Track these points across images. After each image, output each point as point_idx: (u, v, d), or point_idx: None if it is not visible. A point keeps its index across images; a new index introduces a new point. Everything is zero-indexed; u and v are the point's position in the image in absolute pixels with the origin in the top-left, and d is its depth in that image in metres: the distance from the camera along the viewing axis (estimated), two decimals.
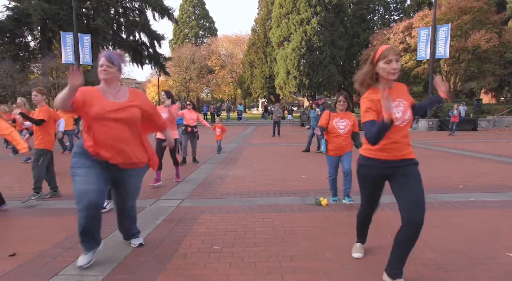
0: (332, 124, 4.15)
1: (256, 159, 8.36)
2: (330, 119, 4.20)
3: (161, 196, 4.74)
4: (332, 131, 4.18)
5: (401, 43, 23.47)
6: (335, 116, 4.19)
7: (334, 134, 4.16)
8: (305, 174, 6.24)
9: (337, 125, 4.14)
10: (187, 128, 7.80)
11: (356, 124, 4.23)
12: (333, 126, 4.15)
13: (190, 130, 7.82)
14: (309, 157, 8.67)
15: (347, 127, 4.15)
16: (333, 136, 4.18)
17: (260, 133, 18.04)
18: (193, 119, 7.88)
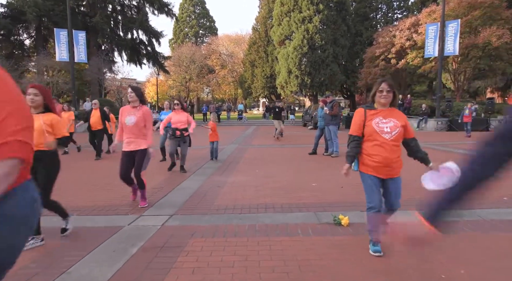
0: (372, 127, 2.71)
1: (258, 163, 7.55)
2: (366, 120, 2.75)
3: (145, 211, 3.93)
4: (371, 137, 2.73)
5: (407, 40, 22.63)
6: (374, 114, 2.74)
7: (376, 141, 2.71)
8: (315, 182, 5.43)
9: (380, 127, 2.70)
10: (175, 132, 6.57)
11: (409, 125, 2.89)
12: (373, 129, 2.70)
13: (179, 134, 6.55)
14: (317, 160, 7.85)
15: (396, 130, 2.69)
16: (374, 145, 2.72)
17: (261, 133, 17.23)
18: (182, 121, 6.65)
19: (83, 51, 21.10)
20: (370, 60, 25.35)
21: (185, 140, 6.71)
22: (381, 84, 2.73)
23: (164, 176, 6.14)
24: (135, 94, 4.14)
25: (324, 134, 8.56)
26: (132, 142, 4.04)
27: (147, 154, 4.11)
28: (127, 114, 4.10)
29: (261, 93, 43.88)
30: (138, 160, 4.05)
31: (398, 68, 23.07)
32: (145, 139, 4.12)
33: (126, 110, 4.17)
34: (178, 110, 6.75)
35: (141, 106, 4.16)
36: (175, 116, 6.70)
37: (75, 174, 6.45)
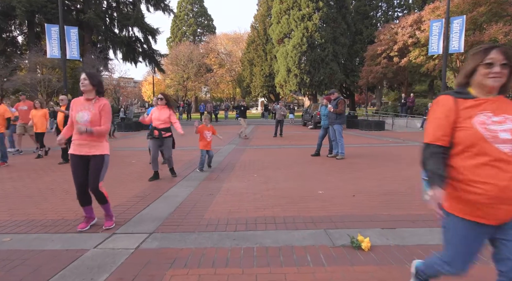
0: (475, 130, 1.51)
1: (256, 165, 6.87)
2: (459, 116, 1.56)
3: (119, 228, 3.25)
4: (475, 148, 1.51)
5: (410, 37, 21.99)
6: (476, 107, 1.56)
7: (485, 157, 1.48)
8: (321, 188, 4.76)
9: (491, 131, 1.49)
10: (152, 131, 5.60)
11: None
12: (479, 133, 1.50)
13: (157, 134, 5.54)
14: (321, 163, 7.18)
15: None
16: (481, 164, 1.49)
17: (260, 133, 16.56)
18: (162, 120, 5.57)
19: (76, 48, 20.36)
20: (372, 58, 24.71)
21: (167, 143, 5.65)
22: (490, 53, 1.53)
23: (149, 182, 5.45)
24: (89, 82, 3.15)
25: (328, 134, 7.90)
26: (85, 145, 3.17)
27: (108, 160, 3.27)
28: (79, 109, 3.19)
29: (259, 92, 43.26)
30: (93, 169, 3.16)
31: (401, 66, 22.42)
32: (101, 142, 3.23)
33: (78, 103, 3.23)
34: (161, 105, 5.64)
35: (99, 99, 3.24)
36: (155, 112, 5.67)
37: (38, 180, 5.76)
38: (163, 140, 5.60)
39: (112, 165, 6.88)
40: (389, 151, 9.04)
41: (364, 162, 7.12)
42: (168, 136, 5.65)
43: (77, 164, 3.16)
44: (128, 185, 5.09)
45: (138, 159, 7.99)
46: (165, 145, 5.65)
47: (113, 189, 4.65)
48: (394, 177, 5.56)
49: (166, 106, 5.66)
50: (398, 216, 3.44)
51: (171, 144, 5.74)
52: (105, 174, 3.23)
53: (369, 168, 6.42)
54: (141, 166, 6.99)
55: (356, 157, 7.77)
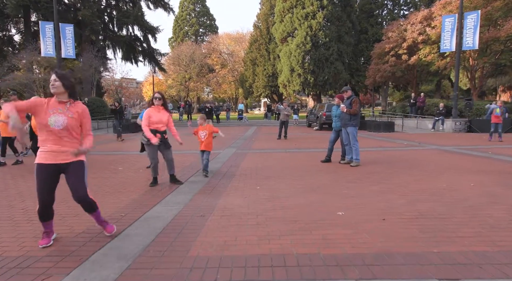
0: None
1: (259, 174, 5.96)
2: None
3: (68, 274, 2.35)
4: None
5: (419, 34, 21.04)
6: None
7: None
8: (340, 208, 3.84)
9: None
10: (154, 135, 5.02)
11: None
12: None
13: (161, 138, 5.08)
14: (334, 171, 6.26)
15: None
16: None
17: (263, 135, 15.65)
18: (163, 122, 5.13)
19: (71, 46, 19.58)
20: (379, 56, 23.74)
21: (168, 145, 5.26)
22: None
23: (132, 195, 4.56)
24: (61, 83, 2.76)
25: (340, 137, 6.98)
26: (62, 153, 2.80)
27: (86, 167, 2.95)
28: (51, 112, 2.75)
29: (262, 92, 42.41)
30: (76, 176, 2.82)
31: (410, 64, 21.47)
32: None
33: (49, 106, 2.78)
34: (159, 106, 5.12)
35: (74, 103, 2.89)
36: (155, 114, 5.09)
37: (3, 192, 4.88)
38: (166, 143, 5.23)
39: (92, 173, 6.00)
40: (407, 156, 8.10)
41: (383, 170, 6.19)
42: (167, 138, 5.28)
43: (48, 175, 2.77)
44: (103, 201, 4.19)
45: (127, 166, 7.10)
46: (168, 146, 5.27)
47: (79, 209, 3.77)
48: (423, 190, 4.63)
49: (163, 107, 5.19)
50: (453, 256, 2.52)
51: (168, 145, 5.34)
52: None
53: (390, 177, 5.49)
54: (128, 175, 6.10)
55: (372, 164, 6.84)
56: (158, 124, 5.08)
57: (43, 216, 2.83)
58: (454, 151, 8.86)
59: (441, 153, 8.60)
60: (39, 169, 2.76)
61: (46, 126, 2.73)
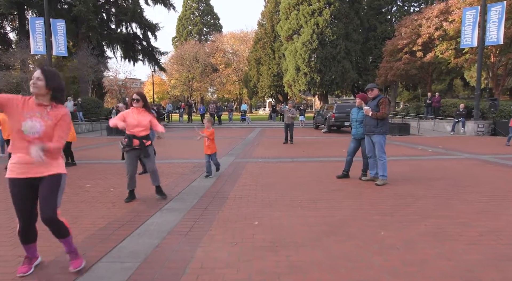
0: None
1: (258, 198, 4.61)
2: None
3: None
4: None
5: (435, 29, 19.51)
6: None
7: None
8: (384, 269, 2.47)
9: None
10: (131, 140, 4.38)
11: None
12: None
13: (138, 144, 4.38)
14: (356, 192, 4.87)
15: None
16: None
17: (266, 138, 14.29)
18: (142, 125, 4.39)
19: (63, 43, 18.40)
20: (391, 53, 22.23)
21: (148, 153, 4.50)
22: None
23: (112, 215, 3.25)
24: (45, 83, 2.33)
25: (361, 147, 5.58)
26: (36, 165, 2.35)
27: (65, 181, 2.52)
28: (27, 116, 2.34)
29: (267, 92, 41.07)
30: (48, 192, 2.39)
31: (425, 61, 19.94)
32: (57, 158, 2.48)
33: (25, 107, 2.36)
34: (138, 108, 4.43)
35: (56, 107, 2.42)
36: (132, 116, 4.40)
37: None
38: (146, 150, 4.48)
39: None
40: (442, 168, 6.67)
41: (422, 191, 4.79)
42: (149, 145, 4.56)
43: (22, 191, 2.39)
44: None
45: (102, 180, 5.79)
46: (147, 155, 4.50)
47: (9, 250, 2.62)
48: (500, 230, 3.23)
49: (145, 109, 4.49)
50: None
51: (153, 153, 4.67)
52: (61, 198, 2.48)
53: (438, 205, 4.08)
54: (97, 193, 4.79)
55: (403, 181, 5.44)
56: (136, 127, 4.35)
57: (25, 237, 2.46)
58: (498, 162, 7.39)
59: (482, 164, 7.14)
60: (11, 184, 2.40)
61: (19, 132, 2.33)
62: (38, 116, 2.34)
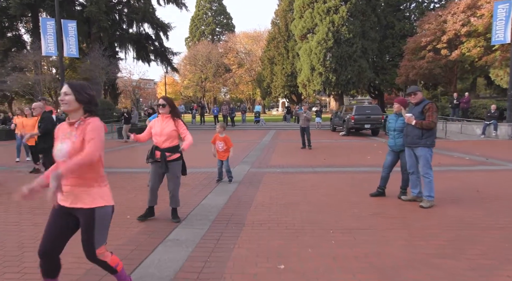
0: None
1: (281, 224, 3.86)
2: None
3: None
4: None
5: (462, 25, 18.28)
6: None
7: None
8: None
9: None
10: (153, 152, 3.89)
11: None
12: None
13: (160, 156, 3.82)
14: (400, 218, 4.04)
15: None
16: None
17: (282, 143, 13.51)
18: (166, 134, 3.82)
19: (74, 44, 18.10)
20: (413, 51, 21.03)
21: (172, 169, 3.86)
22: None
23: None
24: (75, 97, 2.00)
25: (400, 161, 4.74)
26: (68, 193, 1.99)
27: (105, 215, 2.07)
28: (60, 138, 2.05)
29: (280, 92, 40.24)
30: (84, 229, 2.02)
31: (451, 60, 18.71)
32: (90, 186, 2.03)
33: (61, 130, 2.09)
34: (163, 114, 3.88)
35: (85, 120, 2.02)
36: (156, 125, 3.91)
37: None
38: (168, 165, 3.83)
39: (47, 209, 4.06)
40: (491, 183, 5.75)
41: (480, 217, 3.93)
42: (175, 159, 3.89)
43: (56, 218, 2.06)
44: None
45: None
46: (171, 172, 3.87)
47: None
48: None
49: (170, 116, 3.89)
50: None
51: (179, 171, 3.96)
52: (106, 235, 2.11)
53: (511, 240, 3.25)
54: None
55: (451, 201, 4.58)
56: (158, 137, 3.84)
57: (45, 270, 2.08)
58: None
59: None
60: (52, 208, 2.09)
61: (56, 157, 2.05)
62: (68, 136, 2.03)
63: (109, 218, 2.11)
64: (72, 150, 1.97)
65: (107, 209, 2.08)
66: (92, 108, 2.09)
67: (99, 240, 2.06)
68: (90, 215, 2.02)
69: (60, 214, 2.06)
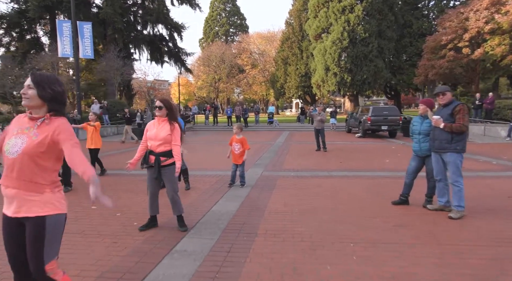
0: None
1: (296, 235, 3.58)
2: None
3: None
4: None
5: (486, 23, 17.49)
6: None
7: None
8: None
9: None
10: (147, 157, 3.65)
11: None
12: None
13: (154, 161, 3.59)
14: (426, 230, 3.68)
15: None
16: None
17: (296, 144, 13.18)
18: (161, 138, 3.59)
19: (89, 46, 18.28)
20: (433, 50, 20.29)
21: (167, 174, 3.63)
22: None
23: (108, 260, 2.38)
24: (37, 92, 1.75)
25: (426, 167, 4.38)
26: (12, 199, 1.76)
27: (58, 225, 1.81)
28: (15, 132, 1.78)
29: (294, 93, 39.83)
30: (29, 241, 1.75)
31: (473, 58, 17.93)
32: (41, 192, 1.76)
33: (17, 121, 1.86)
34: (160, 117, 3.68)
35: (52, 119, 1.79)
36: (151, 128, 3.71)
37: None
38: (162, 171, 3.62)
39: None
40: None
41: None
42: (170, 164, 3.65)
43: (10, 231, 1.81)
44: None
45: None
46: (166, 177, 3.66)
47: None
48: None
49: (167, 119, 3.66)
50: None
51: (174, 175, 3.66)
52: (58, 248, 1.84)
53: None
54: (100, 219, 3.95)
55: (482, 211, 4.18)
56: (153, 140, 3.61)
57: None
58: None
59: None
60: (2, 220, 1.81)
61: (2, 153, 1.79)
62: (25, 131, 1.77)
63: (62, 228, 1.83)
64: (29, 148, 1.70)
65: (60, 218, 1.81)
66: (57, 107, 1.81)
67: (49, 254, 1.78)
68: (40, 225, 1.74)
69: (11, 225, 1.79)
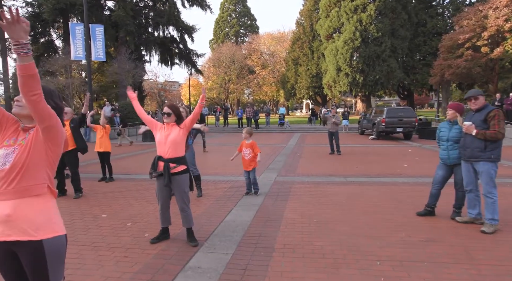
0: None
1: (316, 249, 3.36)
2: None
3: None
4: None
5: (505, 21, 16.90)
6: None
7: None
8: None
9: None
10: (155, 164, 3.43)
11: None
12: None
13: (163, 168, 3.37)
14: (459, 248, 3.40)
15: None
16: None
17: (308, 147, 12.90)
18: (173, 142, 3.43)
19: (101, 48, 18.37)
20: (449, 49, 19.73)
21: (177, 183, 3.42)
22: None
23: (118, 277, 2.21)
24: None
25: (454, 177, 4.08)
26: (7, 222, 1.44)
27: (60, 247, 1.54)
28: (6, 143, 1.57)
29: (305, 94, 39.46)
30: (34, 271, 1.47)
31: (493, 58, 17.35)
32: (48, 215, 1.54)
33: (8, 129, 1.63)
34: (169, 123, 3.48)
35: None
36: (160, 133, 3.46)
37: None
38: (172, 179, 3.38)
39: None
40: None
41: None
42: (181, 172, 3.42)
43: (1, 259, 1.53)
44: None
45: (115, 210, 4.85)
46: (177, 187, 3.43)
47: None
48: None
49: (175, 124, 3.48)
50: None
51: (186, 184, 3.49)
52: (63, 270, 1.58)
53: None
54: (110, 229, 3.80)
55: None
56: (161, 145, 3.40)
57: None
58: None
59: None
60: None
61: None
62: (15, 142, 1.58)
63: (65, 250, 1.58)
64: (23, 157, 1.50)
65: (61, 239, 1.55)
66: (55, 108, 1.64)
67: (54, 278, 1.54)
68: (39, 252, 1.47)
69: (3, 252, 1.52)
